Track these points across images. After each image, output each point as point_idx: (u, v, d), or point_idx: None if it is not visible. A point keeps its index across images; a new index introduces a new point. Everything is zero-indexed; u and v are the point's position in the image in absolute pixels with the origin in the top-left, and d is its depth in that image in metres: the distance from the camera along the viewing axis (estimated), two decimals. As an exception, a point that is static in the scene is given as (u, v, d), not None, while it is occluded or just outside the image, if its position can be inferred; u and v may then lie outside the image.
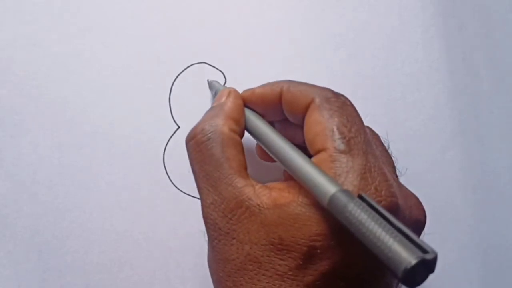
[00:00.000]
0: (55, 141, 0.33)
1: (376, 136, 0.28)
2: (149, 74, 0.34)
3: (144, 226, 0.33)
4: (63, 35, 0.33)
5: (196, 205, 0.33)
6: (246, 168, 0.26)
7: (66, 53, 0.33)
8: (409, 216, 0.24)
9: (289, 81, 0.27)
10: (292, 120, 0.27)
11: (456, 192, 0.35)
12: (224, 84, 0.34)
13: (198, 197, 0.33)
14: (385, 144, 0.28)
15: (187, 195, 0.33)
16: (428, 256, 0.17)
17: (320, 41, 0.35)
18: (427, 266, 0.17)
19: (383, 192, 0.22)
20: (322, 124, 0.24)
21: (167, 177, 0.33)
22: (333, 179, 0.22)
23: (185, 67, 0.34)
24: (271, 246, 0.22)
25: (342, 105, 0.25)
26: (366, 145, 0.24)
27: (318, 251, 0.22)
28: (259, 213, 0.23)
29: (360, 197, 0.21)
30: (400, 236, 0.18)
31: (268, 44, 0.35)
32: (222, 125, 0.26)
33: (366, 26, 0.36)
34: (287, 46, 0.35)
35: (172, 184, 0.33)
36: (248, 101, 0.29)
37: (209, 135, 0.26)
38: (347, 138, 0.23)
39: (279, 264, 0.22)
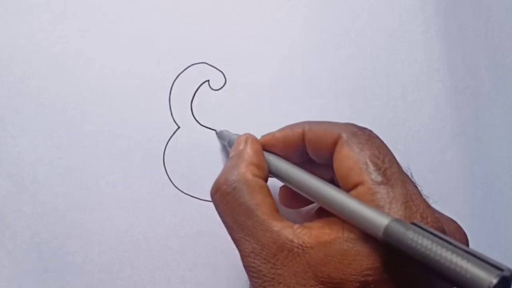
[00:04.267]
0: (55, 141, 0.33)
1: None
2: (149, 74, 0.34)
3: (144, 226, 0.33)
4: (63, 35, 0.33)
5: (196, 205, 0.33)
6: (277, 210, 0.25)
7: (66, 53, 0.33)
8: None
9: (308, 121, 0.27)
10: (317, 160, 0.27)
11: (456, 192, 0.35)
12: (224, 85, 0.34)
13: (198, 197, 0.33)
14: (407, 173, 0.28)
15: (187, 195, 0.33)
16: (506, 273, 0.17)
17: (320, 41, 0.35)
18: (505, 283, 0.17)
19: (429, 219, 0.22)
20: (354, 158, 0.24)
21: (167, 177, 0.33)
22: (381, 210, 0.22)
23: (185, 67, 0.34)
24: (321, 286, 0.22)
25: (369, 137, 0.25)
26: (402, 174, 0.23)
27: (372, 286, 0.21)
28: (303, 254, 0.22)
29: (413, 224, 0.20)
30: (470, 256, 0.18)
31: (268, 44, 0.35)
32: (244, 172, 0.26)
33: (366, 26, 0.36)
34: (287, 46, 0.35)
35: (172, 184, 0.33)
36: (268, 146, 0.28)
37: (234, 184, 0.25)
38: (382, 169, 0.23)
39: None
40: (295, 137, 0.27)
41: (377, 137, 0.25)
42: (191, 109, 0.34)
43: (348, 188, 0.24)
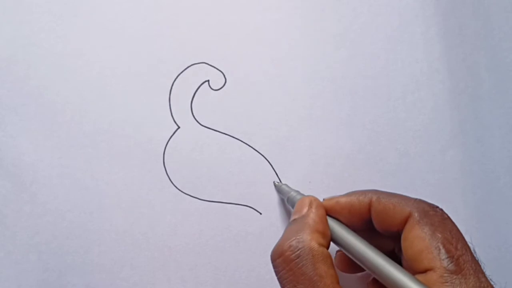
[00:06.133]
0: (55, 141, 0.33)
1: None
2: (149, 74, 0.34)
3: (144, 226, 0.33)
4: (63, 35, 0.33)
5: (196, 205, 0.33)
6: (338, 282, 0.25)
7: (66, 53, 0.33)
8: None
9: (376, 191, 0.27)
10: (382, 232, 0.27)
11: (456, 192, 0.35)
12: (224, 85, 0.34)
13: (198, 197, 0.33)
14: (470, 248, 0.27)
15: (187, 195, 0.33)
16: None
17: (320, 41, 0.35)
18: None
19: None
20: (425, 241, 0.24)
21: (167, 177, 0.33)
22: None
23: (185, 67, 0.34)
24: None
25: (441, 219, 0.25)
26: (475, 262, 0.23)
27: None
28: None
29: None
30: None
31: (268, 44, 0.35)
32: (309, 240, 0.25)
33: (366, 26, 0.36)
34: (287, 46, 0.35)
35: (172, 184, 0.33)
36: (331, 211, 0.28)
37: (298, 252, 0.25)
38: (455, 257, 0.23)
39: None
40: (361, 206, 0.27)
41: (449, 218, 0.25)
42: (191, 109, 0.34)
43: (417, 271, 0.24)
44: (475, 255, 0.25)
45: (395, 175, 0.35)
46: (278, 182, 0.34)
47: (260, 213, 0.34)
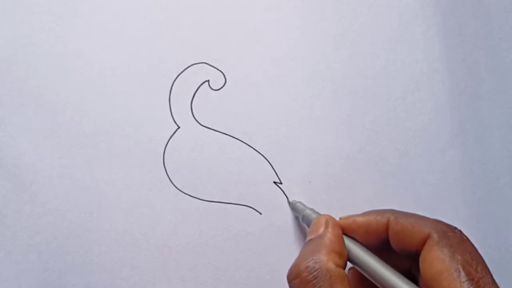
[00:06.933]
0: (55, 141, 0.33)
1: None
2: (149, 74, 0.34)
3: (144, 226, 0.33)
4: (63, 35, 0.33)
5: (196, 205, 0.33)
6: None
7: (66, 53, 0.33)
8: None
9: (393, 211, 0.27)
10: (400, 252, 0.27)
11: (456, 192, 0.35)
12: (224, 85, 0.34)
13: (198, 197, 0.33)
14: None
15: (187, 195, 0.33)
16: None
17: (320, 41, 0.35)
18: None
19: None
20: (445, 263, 0.23)
21: (167, 177, 0.33)
22: None
23: (185, 67, 0.34)
24: None
25: (460, 240, 0.25)
26: (495, 286, 0.23)
27: None
28: None
29: None
30: None
31: (268, 44, 0.35)
32: (326, 260, 0.25)
33: (366, 26, 0.36)
34: (287, 46, 0.35)
35: (172, 184, 0.33)
36: (348, 230, 0.28)
37: (315, 273, 0.25)
38: (475, 280, 0.23)
39: None
40: (378, 226, 0.27)
41: (468, 239, 0.25)
42: (191, 109, 0.34)
43: None
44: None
45: (395, 175, 0.35)
46: (292, 200, 0.33)
47: (260, 213, 0.34)
